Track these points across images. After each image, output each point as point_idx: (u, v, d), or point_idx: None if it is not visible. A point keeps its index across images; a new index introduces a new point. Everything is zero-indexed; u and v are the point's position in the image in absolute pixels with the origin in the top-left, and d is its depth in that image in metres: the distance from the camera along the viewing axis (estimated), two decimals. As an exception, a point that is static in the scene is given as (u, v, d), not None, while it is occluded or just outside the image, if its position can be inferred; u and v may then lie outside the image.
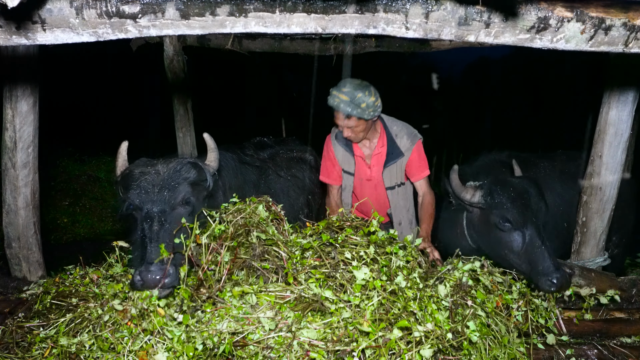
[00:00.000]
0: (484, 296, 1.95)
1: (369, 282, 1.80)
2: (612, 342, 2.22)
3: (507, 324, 1.97)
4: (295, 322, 1.67)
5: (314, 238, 2.07)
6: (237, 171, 3.01)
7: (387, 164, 3.01)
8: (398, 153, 2.99)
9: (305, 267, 1.90)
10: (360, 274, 1.79)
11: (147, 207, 2.07)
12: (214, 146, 2.49)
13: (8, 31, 1.63)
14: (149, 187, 2.10)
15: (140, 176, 2.14)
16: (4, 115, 2.60)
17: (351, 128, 2.77)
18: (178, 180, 2.16)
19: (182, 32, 1.66)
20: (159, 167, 2.19)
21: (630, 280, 2.66)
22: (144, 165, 2.22)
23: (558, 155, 3.79)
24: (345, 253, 1.92)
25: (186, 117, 4.91)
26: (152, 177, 2.13)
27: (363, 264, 1.88)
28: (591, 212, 2.79)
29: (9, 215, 2.70)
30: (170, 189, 2.11)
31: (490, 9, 1.66)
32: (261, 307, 1.73)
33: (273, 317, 1.70)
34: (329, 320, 1.69)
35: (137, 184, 2.11)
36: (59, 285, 2.31)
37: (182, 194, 2.14)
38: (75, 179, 6.41)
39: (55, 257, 3.41)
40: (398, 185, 3.09)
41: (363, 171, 3.08)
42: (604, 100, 2.64)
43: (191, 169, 2.24)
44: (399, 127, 3.04)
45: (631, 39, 1.73)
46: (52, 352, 1.82)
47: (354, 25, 1.68)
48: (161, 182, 2.11)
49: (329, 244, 2.03)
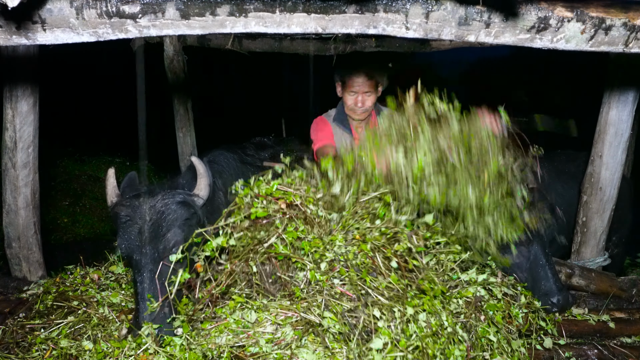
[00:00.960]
0: (494, 309, 1.92)
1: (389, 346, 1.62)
2: (612, 342, 2.22)
3: (512, 330, 1.96)
4: (294, 341, 1.61)
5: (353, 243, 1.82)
6: (239, 172, 3.00)
7: None
8: None
9: (324, 290, 1.73)
10: (378, 342, 1.59)
11: (136, 258, 1.99)
12: (204, 171, 2.26)
13: (8, 31, 1.63)
14: (136, 237, 1.99)
15: (127, 222, 2.02)
16: (4, 115, 2.60)
17: (368, 95, 2.84)
18: (166, 226, 2.01)
19: (182, 32, 1.66)
20: (145, 209, 2.03)
21: (630, 280, 2.66)
22: (132, 204, 2.07)
23: (557, 155, 3.78)
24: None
25: (186, 117, 4.91)
26: (138, 225, 2.00)
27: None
28: (591, 212, 2.79)
29: (9, 215, 2.70)
30: (158, 238, 2.00)
31: (490, 9, 1.66)
32: (261, 323, 1.68)
33: (273, 332, 1.65)
34: (332, 345, 1.62)
35: (124, 232, 2.01)
36: (60, 285, 2.31)
37: (171, 242, 2.01)
38: (75, 179, 6.40)
39: (56, 257, 3.42)
40: None
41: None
42: (604, 100, 2.64)
43: (179, 209, 2.07)
44: (389, 112, 3.04)
45: (631, 39, 1.73)
46: (52, 353, 1.82)
47: (354, 25, 1.67)
48: (147, 232, 1.99)
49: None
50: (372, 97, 2.87)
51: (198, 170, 2.23)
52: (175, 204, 2.07)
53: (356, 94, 2.85)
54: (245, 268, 1.85)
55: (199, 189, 2.21)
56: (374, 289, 1.75)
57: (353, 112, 2.93)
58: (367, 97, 2.86)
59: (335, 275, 1.78)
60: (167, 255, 1.99)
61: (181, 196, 2.12)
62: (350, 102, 2.91)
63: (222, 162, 2.91)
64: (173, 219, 2.03)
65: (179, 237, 2.02)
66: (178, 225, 2.04)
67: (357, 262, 1.79)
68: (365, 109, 2.90)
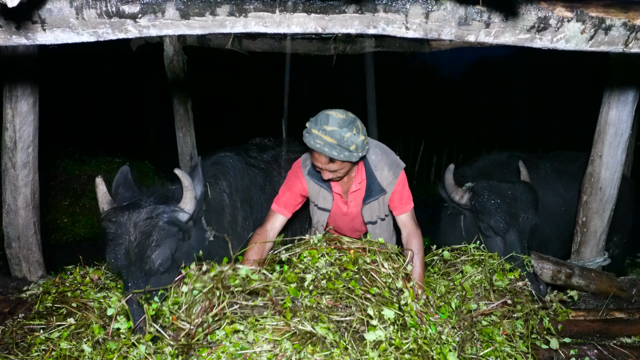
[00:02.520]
0: (490, 331, 1.97)
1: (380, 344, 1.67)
2: (612, 342, 2.22)
3: (515, 339, 1.98)
4: (294, 354, 1.61)
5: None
6: (244, 173, 3.00)
7: (367, 200, 2.51)
8: (379, 190, 2.48)
9: (312, 306, 1.79)
10: (371, 335, 1.68)
11: (124, 277, 2.05)
12: (189, 184, 2.17)
13: (8, 31, 1.63)
14: (122, 256, 2.02)
15: (114, 240, 2.04)
16: (4, 115, 2.60)
17: (334, 172, 2.27)
18: (150, 247, 2.04)
19: (182, 32, 1.66)
20: (130, 227, 2.04)
21: (630, 280, 2.66)
22: (118, 219, 2.07)
23: (558, 156, 3.79)
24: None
25: (186, 117, 4.91)
26: (124, 245, 2.02)
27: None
28: (591, 212, 2.79)
29: (9, 215, 2.70)
30: (144, 259, 2.02)
31: (490, 9, 1.66)
32: (258, 343, 1.67)
33: (272, 349, 1.64)
34: (331, 352, 1.62)
35: (111, 249, 2.04)
36: (59, 285, 2.31)
37: (156, 262, 2.03)
38: (75, 179, 6.40)
39: (55, 257, 3.41)
40: (381, 219, 2.62)
41: (339, 208, 2.61)
42: (604, 100, 2.64)
43: (163, 228, 2.08)
44: (377, 157, 2.49)
45: (631, 39, 1.73)
46: (51, 354, 1.82)
47: (354, 25, 1.67)
48: (132, 252, 2.01)
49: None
50: (342, 170, 2.28)
51: (183, 183, 2.18)
52: (159, 223, 2.07)
53: (322, 169, 2.29)
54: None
55: (184, 203, 2.18)
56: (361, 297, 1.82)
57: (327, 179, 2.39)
58: (334, 171, 2.27)
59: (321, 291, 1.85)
60: (154, 273, 2.04)
61: (166, 215, 2.10)
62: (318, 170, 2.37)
63: (227, 164, 2.91)
64: (157, 239, 2.05)
65: (164, 256, 2.06)
66: (163, 245, 2.06)
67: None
68: (337, 177, 2.34)
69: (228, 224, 2.71)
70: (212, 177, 2.73)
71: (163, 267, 2.06)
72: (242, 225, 2.84)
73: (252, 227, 2.92)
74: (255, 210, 3.02)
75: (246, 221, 2.89)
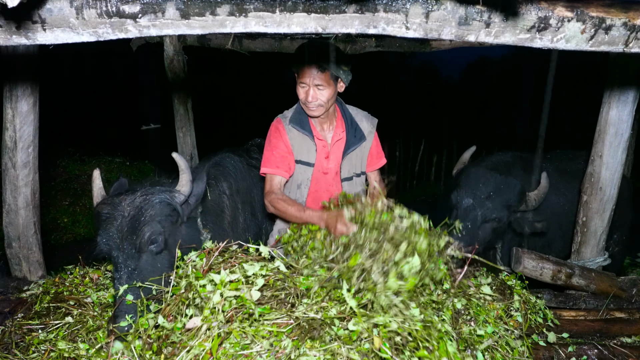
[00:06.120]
0: (485, 312, 1.97)
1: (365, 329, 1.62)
2: (612, 342, 2.22)
3: (509, 328, 1.98)
4: (293, 350, 1.57)
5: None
6: (245, 174, 3.00)
7: (348, 150, 2.65)
8: (360, 136, 2.65)
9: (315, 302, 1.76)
10: (351, 326, 1.61)
11: (115, 254, 2.00)
12: (185, 167, 2.25)
13: (8, 31, 1.63)
14: (115, 233, 2.00)
15: (107, 219, 2.03)
16: (4, 115, 2.60)
17: (320, 89, 2.42)
18: (143, 221, 2.02)
19: (182, 32, 1.66)
20: (124, 206, 2.05)
21: (630, 280, 2.66)
22: (112, 202, 2.08)
23: (558, 155, 3.79)
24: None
25: (186, 117, 4.92)
26: (117, 222, 2.01)
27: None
28: (591, 211, 2.79)
29: (9, 215, 2.70)
30: (135, 234, 1.99)
31: (490, 9, 1.66)
32: (256, 341, 1.62)
33: (270, 348, 1.60)
34: (331, 346, 1.58)
35: (103, 229, 2.01)
36: (59, 285, 2.31)
37: (146, 234, 2.00)
38: (75, 179, 6.42)
39: (55, 257, 3.42)
40: (357, 175, 2.74)
41: (321, 164, 2.66)
42: (604, 100, 2.64)
43: (157, 204, 2.09)
44: (354, 111, 2.75)
45: (631, 39, 1.73)
46: (50, 355, 1.82)
47: (354, 25, 1.67)
48: (125, 226, 1.99)
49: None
50: (327, 91, 2.43)
51: (179, 166, 2.26)
52: (153, 200, 2.09)
53: (306, 87, 2.43)
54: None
55: (180, 185, 2.24)
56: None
57: (306, 107, 2.52)
58: (320, 90, 2.42)
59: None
60: (145, 249, 2.00)
61: (162, 195, 2.14)
62: (301, 96, 2.49)
63: (229, 165, 2.91)
64: (151, 214, 2.05)
65: (155, 229, 2.03)
66: (156, 220, 2.06)
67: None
68: (318, 104, 2.46)
69: (228, 225, 2.71)
70: (213, 179, 2.73)
71: (154, 243, 2.03)
72: (243, 227, 2.84)
73: (254, 228, 2.92)
74: (257, 211, 3.02)
75: (247, 222, 2.89)
